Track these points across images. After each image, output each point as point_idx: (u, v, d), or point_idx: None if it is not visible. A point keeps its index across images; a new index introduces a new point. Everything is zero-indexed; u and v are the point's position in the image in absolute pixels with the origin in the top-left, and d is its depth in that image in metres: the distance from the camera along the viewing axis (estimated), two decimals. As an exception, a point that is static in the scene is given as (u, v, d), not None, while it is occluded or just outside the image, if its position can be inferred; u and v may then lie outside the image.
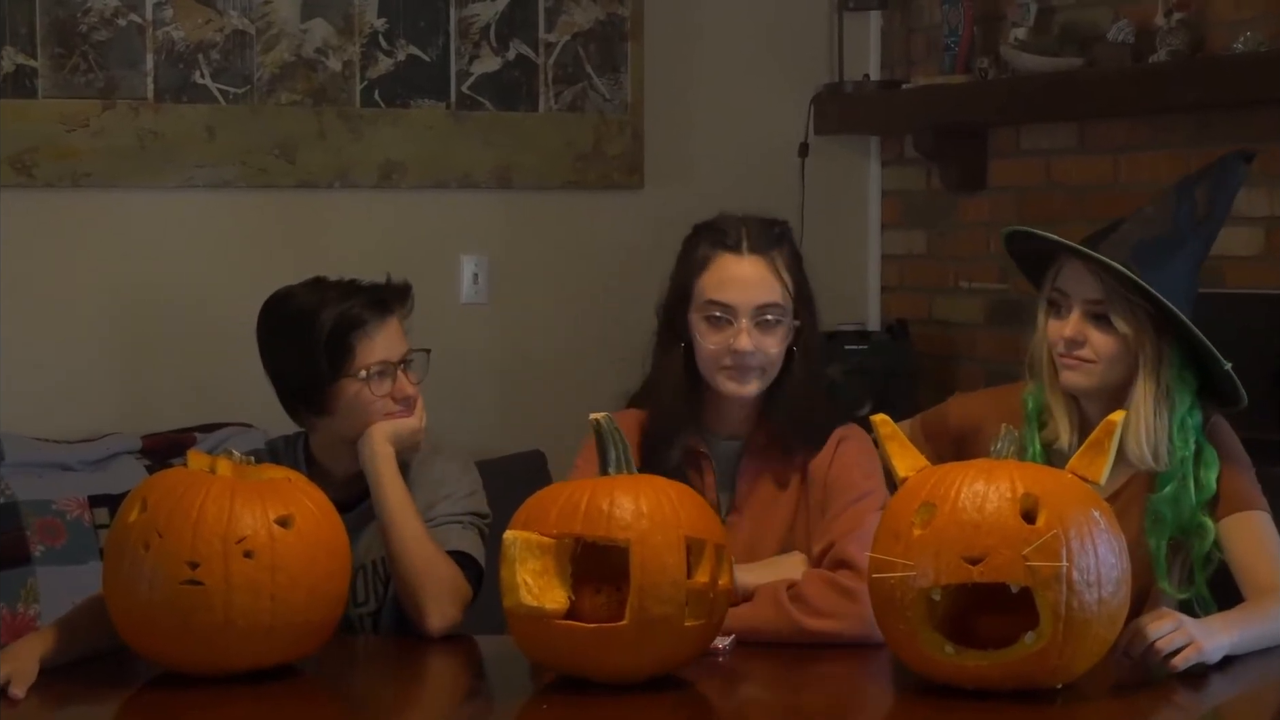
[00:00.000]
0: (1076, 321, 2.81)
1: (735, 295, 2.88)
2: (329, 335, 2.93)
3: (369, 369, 2.94)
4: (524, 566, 2.49)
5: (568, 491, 2.56)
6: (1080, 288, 2.81)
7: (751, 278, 2.90)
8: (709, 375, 2.91)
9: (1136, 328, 2.78)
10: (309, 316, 2.95)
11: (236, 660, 2.57)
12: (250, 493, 2.59)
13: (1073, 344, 2.81)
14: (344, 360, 2.94)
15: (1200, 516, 2.80)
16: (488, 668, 2.84)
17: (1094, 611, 2.38)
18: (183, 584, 2.52)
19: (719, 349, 2.88)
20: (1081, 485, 2.47)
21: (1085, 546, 2.39)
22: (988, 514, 2.39)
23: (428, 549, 2.89)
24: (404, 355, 2.99)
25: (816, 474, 2.92)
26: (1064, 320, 2.83)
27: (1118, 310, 2.78)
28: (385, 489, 2.92)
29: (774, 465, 2.95)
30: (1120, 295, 2.77)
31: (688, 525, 2.52)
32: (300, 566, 2.57)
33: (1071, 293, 2.82)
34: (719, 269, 2.90)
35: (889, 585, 2.43)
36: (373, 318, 2.96)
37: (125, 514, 2.60)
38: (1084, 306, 2.81)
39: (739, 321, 2.88)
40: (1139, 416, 2.78)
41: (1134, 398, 2.78)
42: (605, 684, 2.51)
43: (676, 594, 2.48)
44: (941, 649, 2.41)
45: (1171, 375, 2.79)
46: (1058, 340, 2.83)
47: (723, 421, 2.96)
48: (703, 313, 2.90)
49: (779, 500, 2.94)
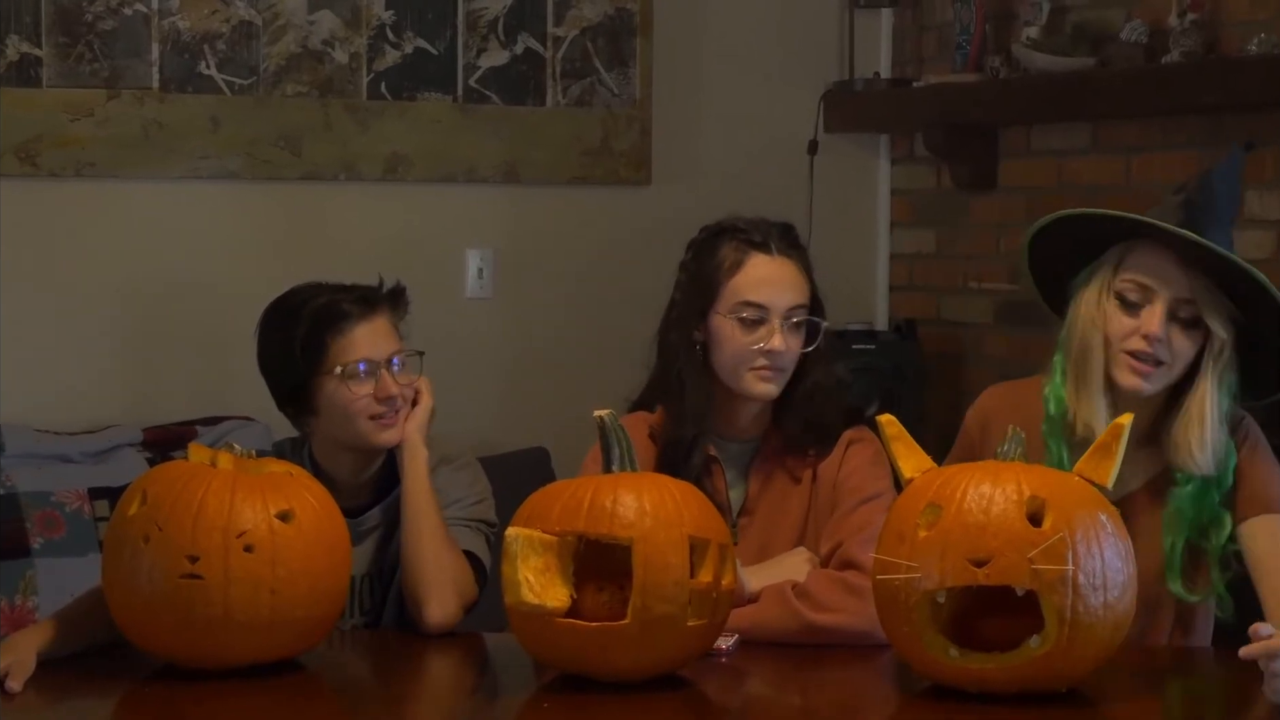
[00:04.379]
0: (1161, 318, 2.63)
1: (770, 295, 2.88)
2: (306, 330, 2.93)
3: (345, 366, 2.91)
4: (526, 564, 2.49)
5: (571, 489, 2.56)
6: (1168, 282, 2.63)
7: (785, 278, 2.90)
8: (733, 376, 2.91)
9: (1222, 322, 2.62)
10: (293, 312, 2.96)
11: (236, 654, 2.57)
12: (251, 487, 2.59)
13: (1154, 342, 2.63)
14: (319, 357, 2.92)
15: (1217, 509, 2.71)
16: (489, 665, 2.84)
17: (1099, 616, 2.38)
18: (183, 578, 2.52)
19: (750, 350, 2.88)
20: (1088, 488, 2.46)
21: (1091, 550, 2.38)
22: (994, 516, 2.39)
23: (440, 541, 2.88)
24: (391, 354, 2.95)
25: (826, 475, 2.93)
26: (1137, 316, 2.65)
27: (1212, 311, 2.62)
28: (411, 479, 2.91)
29: (786, 467, 2.95)
30: (1212, 293, 2.62)
31: (691, 524, 2.52)
32: (300, 561, 2.57)
33: (1156, 287, 2.64)
34: (753, 269, 2.90)
35: (893, 587, 2.43)
36: (353, 314, 2.93)
37: (125, 507, 2.61)
38: (1172, 305, 2.64)
39: (772, 321, 2.88)
40: (1203, 423, 2.66)
41: (1196, 401, 2.66)
42: (607, 683, 2.51)
43: (679, 593, 2.48)
44: (945, 651, 2.41)
45: (1232, 377, 2.68)
46: (1131, 337, 2.66)
47: (733, 423, 2.96)
48: (735, 314, 2.89)
49: (790, 502, 2.94)
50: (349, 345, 2.92)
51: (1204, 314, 2.64)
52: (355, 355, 2.92)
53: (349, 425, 2.94)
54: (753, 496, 2.95)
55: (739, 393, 2.92)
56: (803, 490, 2.94)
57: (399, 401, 2.95)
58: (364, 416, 2.93)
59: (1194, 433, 2.68)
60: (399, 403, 2.95)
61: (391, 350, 2.95)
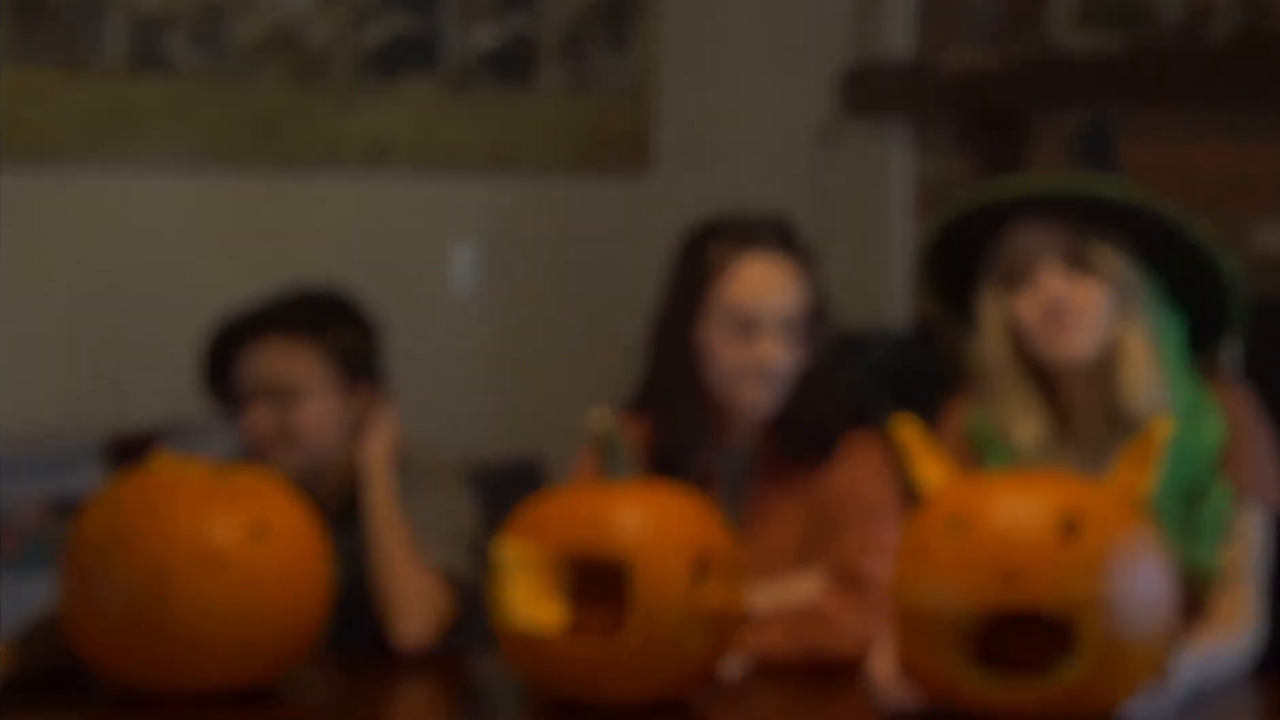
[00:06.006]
0: (1052, 278, 2.65)
1: (762, 301, 2.88)
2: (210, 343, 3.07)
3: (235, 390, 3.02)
4: (517, 582, 2.48)
5: (566, 499, 2.56)
6: (1044, 242, 2.66)
7: (778, 281, 2.89)
8: (727, 386, 2.90)
9: (1117, 263, 2.64)
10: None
11: (207, 679, 2.57)
12: (223, 498, 2.59)
13: (1058, 302, 2.64)
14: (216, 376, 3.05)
15: (1210, 478, 2.66)
16: (476, 691, 2.84)
17: (1139, 639, 2.37)
18: (148, 598, 2.51)
19: (743, 360, 2.88)
20: (1126, 500, 2.45)
21: (1131, 568, 2.37)
22: (1024, 531, 2.38)
23: (406, 560, 2.88)
24: (270, 386, 2.97)
25: (829, 485, 2.92)
26: (1034, 286, 2.66)
27: (1097, 246, 2.64)
28: (370, 510, 2.92)
29: (783, 477, 2.95)
30: (1100, 235, 2.65)
31: (696, 538, 2.51)
32: (276, 578, 2.56)
33: (1034, 250, 2.67)
34: (742, 275, 2.89)
35: (913, 607, 2.42)
36: (246, 335, 3.02)
37: (85, 521, 2.60)
38: (1055, 260, 2.65)
39: (764, 329, 2.88)
40: (1136, 364, 2.65)
41: (1125, 345, 2.66)
42: (604, 710, 2.51)
43: (682, 613, 2.47)
44: (969, 676, 2.40)
45: (1160, 313, 2.68)
46: (1033, 310, 2.67)
47: (727, 432, 2.96)
48: (725, 322, 2.88)
49: (789, 513, 2.93)
50: (239, 369, 3.01)
51: (1088, 253, 2.65)
52: (243, 381, 3.02)
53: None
54: (749, 509, 2.94)
55: (731, 403, 2.91)
56: (803, 502, 2.93)
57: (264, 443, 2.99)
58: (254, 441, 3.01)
59: (1128, 379, 2.65)
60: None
61: (272, 380, 2.99)
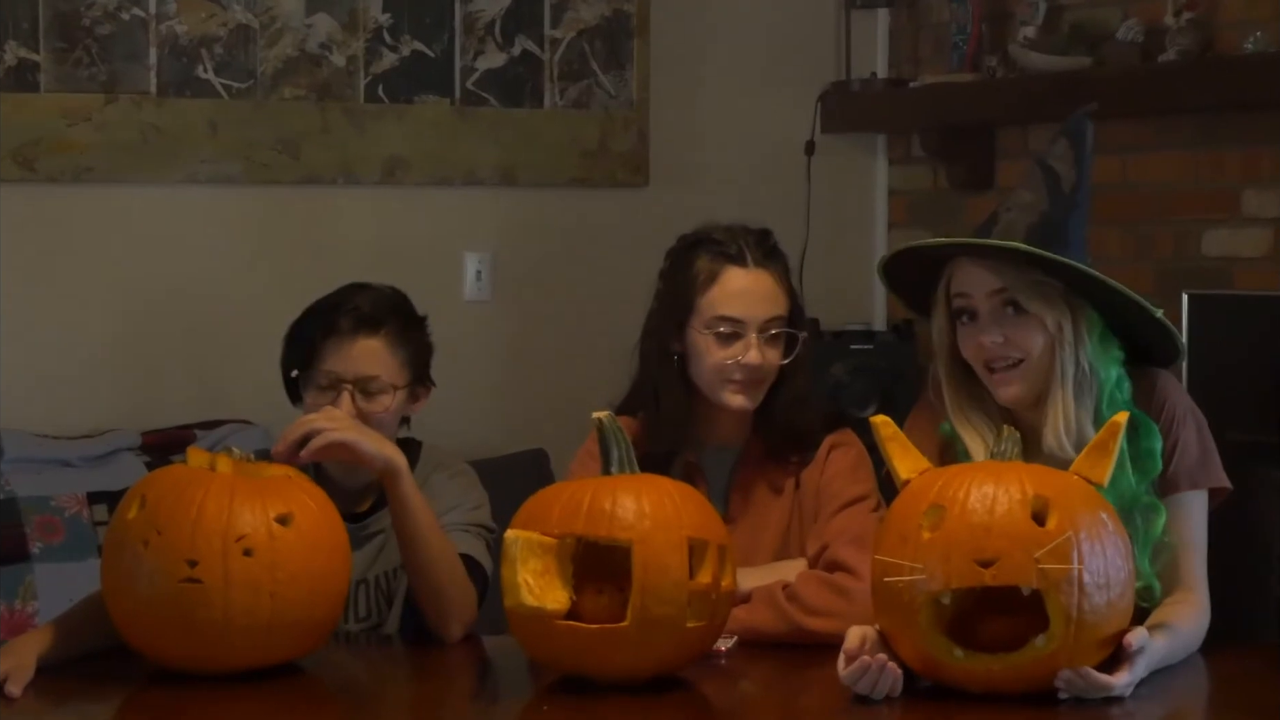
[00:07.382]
0: (987, 333, 2.65)
1: (745, 309, 2.87)
2: (293, 328, 2.97)
3: (308, 375, 2.92)
4: (525, 566, 2.48)
5: (570, 491, 2.56)
6: (979, 283, 2.65)
7: (759, 291, 2.89)
8: (711, 388, 2.90)
9: (1049, 304, 2.62)
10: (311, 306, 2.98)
11: (236, 659, 2.56)
12: (250, 490, 2.58)
13: (994, 345, 2.64)
14: (303, 356, 2.94)
15: (1147, 496, 2.65)
16: (489, 668, 2.83)
17: (1104, 614, 2.37)
18: (182, 582, 2.51)
19: (726, 363, 2.87)
20: (1087, 486, 2.45)
21: (1095, 548, 2.37)
22: (998, 516, 2.38)
23: (453, 562, 2.84)
24: (359, 377, 2.90)
25: (809, 482, 2.92)
26: (976, 326, 2.66)
27: (1024, 292, 2.63)
28: (408, 502, 2.80)
29: (767, 474, 2.95)
30: (1024, 279, 2.63)
31: (690, 525, 2.51)
32: (300, 564, 2.56)
33: (972, 290, 2.67)
34: (726, 283, 2.89)
35: (897, 589, 2.41)
36: (342, 328, 2.92)
37: (124, 511, 2.60)
38: (989, 301, 2.65)
39: (748, 335, 2.87)
40: (1057, 406, 2.63)
41: (1052, 386, 2.64)
42: (606, 685, 2.50)
43: (679, 595, 2.47)
44: (950, 653, 2.39)
45: (1091, 351, 2.64)
46: (975, 353, 2.67)
47: (714, 432, 2.96)
48: (710, 328, 2.88)
49: (773, 509, 2.93)
50: (320, 356, 2.92)
51: (1016, 295, 2.63)
52: (321, 366, 2.92)
53: None
54: (735, 505, 2.94)
55: (717, 404, 2.91)
56: (785, 498, 2.93)
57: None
58: None
59: (1049, 420, 2.64)
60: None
61: (363, 373, 2.90)
